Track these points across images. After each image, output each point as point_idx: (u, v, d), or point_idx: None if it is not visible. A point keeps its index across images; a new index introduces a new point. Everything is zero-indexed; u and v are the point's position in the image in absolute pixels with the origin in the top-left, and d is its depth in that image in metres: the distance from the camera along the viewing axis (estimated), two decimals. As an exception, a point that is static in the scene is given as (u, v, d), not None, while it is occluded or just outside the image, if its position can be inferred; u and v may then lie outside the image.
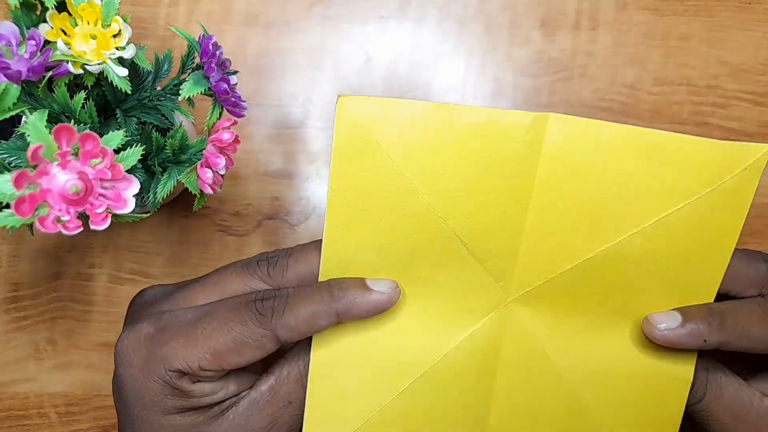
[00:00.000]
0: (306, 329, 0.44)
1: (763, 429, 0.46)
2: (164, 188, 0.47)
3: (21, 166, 0.38)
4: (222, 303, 0.46)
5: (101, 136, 0.39)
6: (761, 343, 0.45)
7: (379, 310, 0.45)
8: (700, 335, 0.45)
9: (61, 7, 0.42)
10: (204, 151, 0.46)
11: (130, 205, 0.39)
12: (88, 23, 0.42)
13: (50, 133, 0.36)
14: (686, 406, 0.47)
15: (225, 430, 0.45)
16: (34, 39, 0.40)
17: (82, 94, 0.43)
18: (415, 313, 0.47)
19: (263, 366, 0.49)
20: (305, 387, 0.46)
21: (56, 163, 0.37)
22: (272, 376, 0.47)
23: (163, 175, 0.48)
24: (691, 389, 0.47)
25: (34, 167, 0.36)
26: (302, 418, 0.47)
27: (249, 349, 0.44)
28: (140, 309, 0.48)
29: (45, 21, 0.41)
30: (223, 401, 0.46)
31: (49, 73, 0.41)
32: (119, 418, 0.47)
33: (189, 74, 0.47)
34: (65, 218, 0.37)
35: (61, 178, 0.37)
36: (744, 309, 0.46)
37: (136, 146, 0.41)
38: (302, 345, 0.48)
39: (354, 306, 0.44)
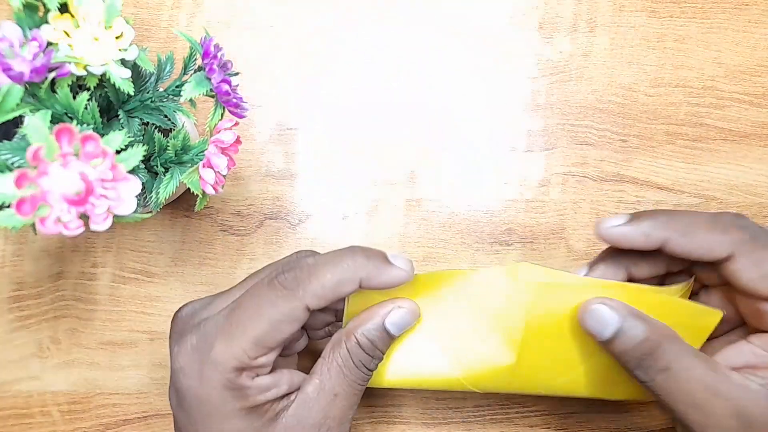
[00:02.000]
0: (332, 296, 0.46)
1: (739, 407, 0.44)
2: (166, 188, 0.48)
3: (24, 167, 0.38)
4: (249, 291, 0.47)
5: (104, 136, 0.39)
6: (704, 247, 0.46)
7: (396, 285, 0.47)
8: (645, 231, 0.47)
9: (64, 8, 0.42)
10: (206, 152, 0.46)
11: (131, 206, 0.39)
12: (91, 25, 0.42)
13: (51, 133, 0.36)
14: (650, 379, 0.46)
15: (281, 429, 0.47)
16: (36, 40, 0.40)
17: (85, 95, 0.43)
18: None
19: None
20: (347, 378, 0.48)
21: (57, 163, 0.36)
22: (315, 376, 0.48)
23: (165, 176, 0.48)
24: (653, 356, 0.46)
25: (35, 168, 0.36)
26: (348, 408, 0.49)
27: (285, 324, 0.45)
28: (183, 323, 0.50)
29: (47, 22, 0.41)
30: (277, 402, 0.47)
31: (52, 75, 0.41)
32: (179, 425, 0.49)
33: (191, 76, 0.47)
34: (66, 218, 0.37)
35: (62, 179, 0.36)
36: (693, 215, 0.48)
37: (138, 147, 0.41)
38: (335, 345, 0.49)
39: (375, 277, 0.46)
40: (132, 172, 0.39)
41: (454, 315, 0.51)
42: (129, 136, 0.41)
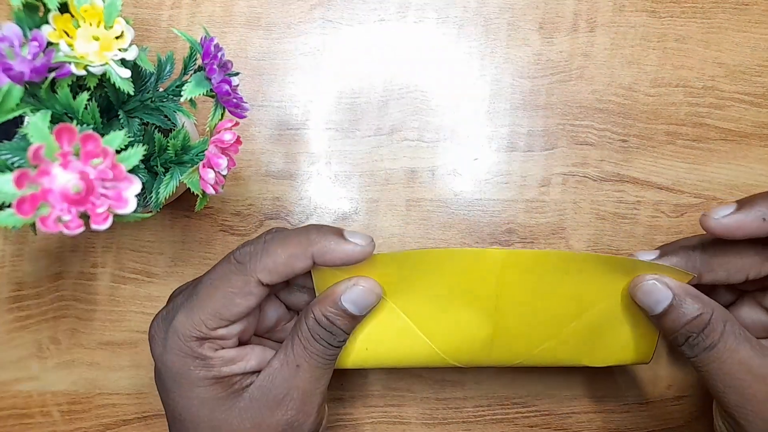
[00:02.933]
0: (285, 270, 0.47)
1: None
2: (167, 188, 0.48)
3: (24, 167, 0.38)
4: (211, 269, 0.49)
5: (104, 136, 0.39)
6: None
7: (352, 261, 0.47)
8: (761, 214, 0.45)
9: (64, 8, 0.42)
10: (206, 152, 0.46)
11: (132, 205, 0.39)
12: (91, 25, 0.42)
13: (51, 133, 0.36)
14: (694, 355, 0.47)
15: (245, 405, 0.48)
16: (36, 40, 0.40)
17: (85, 95, 0.43)
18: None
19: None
20: (308, 351, 0.48)
21: (57, 163, 0.36)
22: (281, 350, 0.49)
23: (165, 176, 0.48)
24: (702, 334, 0.46)
25: (36, 167, 0.36)
26: (313, 381, 0.49)
27: (239, 297, 0.47)
28: (173, 296, 0.52)
29: (47, 22, 0.41)
30: (245, 376, 0.49)
31: (52, 74, 0.41)
32: (160, 397, 0.50)
33: (191, 76, 0.47)
34: (66, 218, 0.37)
35: (63, 178, 0.37)
36: None
37: (138, 146, 0.41)
38: (299, 321, 0.50)
39: (328, 252, 0.46)
40: (132, 171, 0.39)
41: (426, 292, 0.52)
42: (129, 136, 0.41)
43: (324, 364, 0.49)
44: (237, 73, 0.49)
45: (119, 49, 0.43)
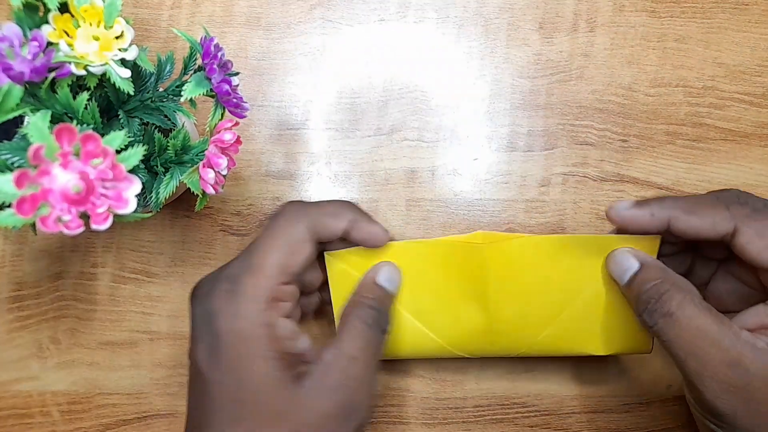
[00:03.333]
0: (332, 224, 0.50)
1: (738, 361, 0.45)
2: (167, 188, 0.48)
3: (24, 167, 0.38)
4: (260, 233, 0.50)
5: (104, 136, 0.39)
6: (708, 223, 0.48)
7: (373, 242, 0.52)
8: (650, 210, 0.50)
9: (64, 8, 0.42)
10: (206, 152, 0.46)
11: (132, 205, 0.39)
12: (91, 25, 0.42)
13: (51, 133, 0.36)
14: (653, 323, 0.48)
15: (305, 393, 0.46)
16: (36, 40, 0.40)
17: (85, 95, 0.43)
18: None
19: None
20: (363, 339, 0.49)
21: (57, 163, 0.36)
22: (334, 340, 0.49)
23: (165, 176, 0.48)
24: (660, 301, 0.48)
25: (36, 167, 0.36)
26: (368, 369, 0.49)
27: (299, 245, 0.49)
28: (207, 284, 0.50)
29: (47, 22, 0.41)
30: (300, 359, 0.48)
31: (52, 74, 0.41)
32: (208, 381, 0.47)
33: (191, 76, 0.47)
34: (67, 218, 0.37)
35: (63, 178, 0.37)
36: (696, 196, 0.50)
37: (138, 146, 0.41)
38: (346, 315, 0.51)
39: (364, 226, 0.51)
40: (132, 171, 0.39)
41: (424, 286, 0.54)
42: (129, 136, 0.41)
43: (375, 353, 0.50)
44: (237, 73, 0.49)
45: (119, 49, 0.43)
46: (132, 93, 0.44)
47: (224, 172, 0.48)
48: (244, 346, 0.46)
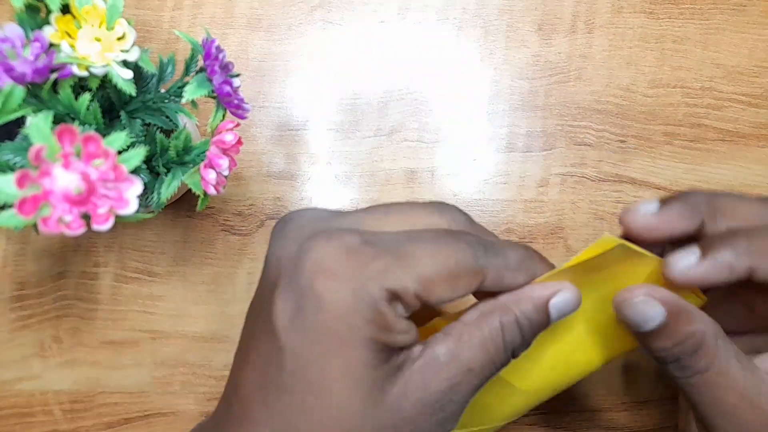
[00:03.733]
0: (508, 280, 0.41)
1: None
2: (168, 189, 0.48)
3: (25, 167, 0.38)
4: (430, 230, 0.40)
5: (105, 137, 0.39)
6: None
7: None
8: (725, 263, 0.39)
9: (66, 9, 0.42)
10: (207, 153, 0.47)
11: (133, 206, 0.39)
12: (93, 26, 0.43)
13: (53, 134, 0.37)
14: (684, 377, 0.41)
15: (400, 390, 0.38)
16: (38, 41, 0.41)
17: (87, 96, 0.43)
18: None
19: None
20: (488, 355, 0.39)
21: (59, 163, 0.37)
22: (450, 338, 0.39)
23: (167, 176, 0.48)
24: (694, 356, 0.40)
25: (37, 168, 0.36)
26: (476, 388, 0.40)
27: (462, 281, 0.38)
28: (307, 225, 0.41)
29: (49, 23, 0.42)
30: (403, 351, 0.39)
31: (54, 75, 0.41)
32: (278, 359, 0.38)
33: (192, 77, 0.48)
34: (68, 218, 0.37)
35: (64, 179, 0.37)
36: None
37: (139, 147, 0.41)
38: (485, 314, 0.41)
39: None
40: (134, 172, 0.39)
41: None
42: (131, 137, 0.42)
43: (492, 374, 0.41)
44: (238, 75, 0.50)
45: (121, 51, 0.44)
46: (134, 94, 0.44)
47: (225, 173, 0.48)
48: (348, 329, 0.37)
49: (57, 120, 0.43)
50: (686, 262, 0.40)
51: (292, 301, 0.38)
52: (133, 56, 0.44)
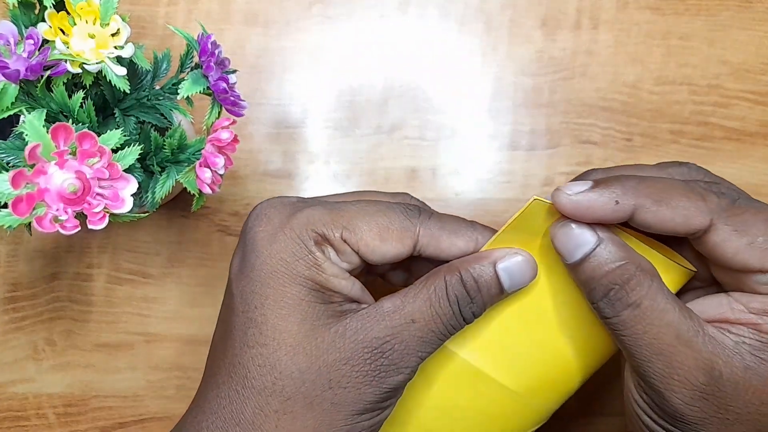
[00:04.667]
0: (445, 242, 0.43)
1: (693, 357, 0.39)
2: (163, 188, 0.47)
3: (19, 166, 0.39)
4: (369, 200, 0.45)
5: (99, 135, 0.39)
6: (681, 216, 0.40)
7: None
8: (613, 195, 0.40)
9: (60, 6, 0.42)
10: (203, 151, 0.46)
11: (128, 205, 0.40)
12: (87, 22, 0.42)
13: (48, 132, 0.36)
14: (615, 314, 0.40)
15: (338, 329, 0.41)
16: (32, 38, 0.40)
17: (81, 94, 0.43)
18: None
19: None
20: (433, 309, 0.41)
21: (54, 162, 0.37)
22: (398, 296, 0.42)
23: (161, 175, 0.48)
24: (625, 287, 0.40)
25: (32, 166, 0.36)
26: (425, 341, 0.42)
27: (390, 237, 0.42)
28: (281, 200, 0.46)
29: (43, 20, 0.41)
30: (344, 298, 0.43)
31: (48, 73, 0.41)
32: (237, 301, 0.43)
33: (188, 73, 0.47)
34: (63, 218, 0.37)
35: (59, 178, 0.37)
36: (665, 180, 0.42)
37: (134, 146, 0.41)
38: (432, 275, 0.43)
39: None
40: (128, 171, 0.40)
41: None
42: (125, 135, 0.42)
43: (440, 332, 0.42)
44: (234, 71, 0.49)
45: (115, 47, 0.43)
46: (128, 91, 0.44)
47: (221, 172, 0.47)
48: (281, 265, 0.42)
49: (50, 118, 0.43)
50: (576, 189, 0.41)
51: (240, 252, 0.44)
52: (127, 53, 0.43)
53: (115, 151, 0.40)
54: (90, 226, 0.38)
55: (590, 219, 0.41)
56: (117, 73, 0.43)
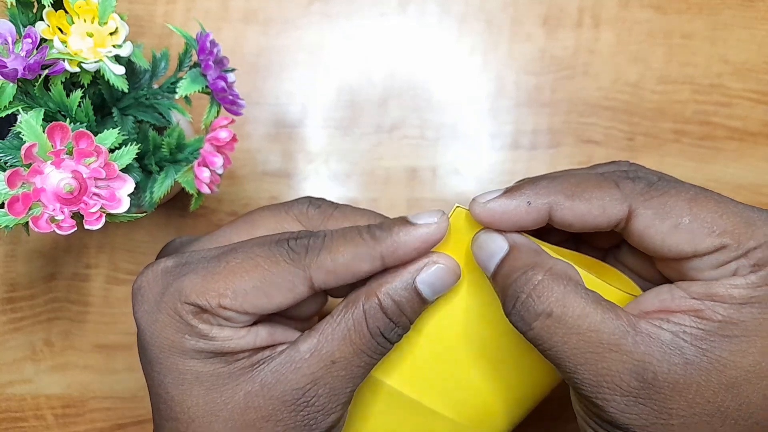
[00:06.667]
0: (345, 273, 0.39)
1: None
2: (161, 188, 0.47)
3: (17, 166, 0.38)
4: (250, 240, 0.41)
5: (97, 134, 0.39)
6: (596, 207, 0.38)
7: (429, 245, 0.40)
8: (524, 197, 0.39)
9: (58, 4, 0.42)
10: (201, 150, 0.46)
11: (125, 205, 0.39)
12: (85, 21, 0.42)
13: (44, 131, 0.36)
14: (529, 328, 0.37)
15: (254, 390, 0.39)
16: (30, 37, 0.40)
17: (79, 93, 0.42)
18: None
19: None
20: (354, 345, 0.39)
21: (50, 161, 0.37)
22: (315, 333, 0.40)
23: (159, 175, 0.48)
24: (533, 294, 0.37)
25: (28, 166, 0.36)
26: (352, 377, 0.40)
27: (277, 290, 0.39)
28: (167, 251, 0.45)
29: (41, 19, 0.41)
30: (255, 352, 0.40)
31: (46, 72, 0.41)
32: (147, 381, 0.42)
33: (186, 72, 0.47)
34: (59, 218, 0.37)
35: (55, 177, 0.37)
36: (578, 174, 0.41)
37: (131, 145, 0.41)
38: (349, 303, 0.41)
39: (401, 245, 0.39)
40: (126, 170, 0.40)
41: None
42: (123, 134, 0.41)
43: (367, 363, 0.40)
44: (233, 70, 0.49)
45: (113, 46, 0.43)
46: (126, 90, 0.44)
47: (220, 171, 0.47)
48: (163, 339, 0.39)
49: (48, 117, 0.43)
50: (488, 197, 0.39)
51: (138, 335, 0.41)
52: (125, 51, 0.43)
53: (112, 150, 0.40)
54: (87, 227, 0.38)
55: (508, 226, 0.40)
56: (115, 72, 0.43)
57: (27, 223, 0.37)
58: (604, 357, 0.36)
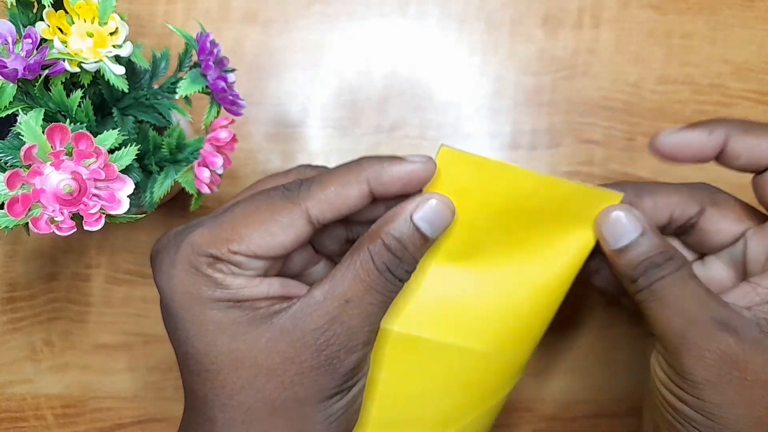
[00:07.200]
0: (337, 201, 0.41)
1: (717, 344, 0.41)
2: (161, 188, 0.47)
3: (17, 166, 0.38)
4: (248, 196, 0.43)
5: (98, 135, 0.39)
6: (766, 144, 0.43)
7: (416, 181, 0.42)
8: (706, 127, 0.45)
9: (58, 4, 0.42)
10: (201, 150, 0.46)
11: (124, 206, 0.39)
12: (85, 21, 0.42)
13: (44, 132, 0.36)
14: (647, 285, 0.42)
15: (273, 336, 0.41)
16: (30, 37, 0.40)
17: (79, 93, 0.42)
18: None
19: None
20: (364, 283, 0.41)
21: (50, 162, 0.37)
22: (327, 280, 0.42)
23: (159, 175, 0.48)
24: (664, 264, 0.43)
25: (28, 167, 0.36)
26: (368, 315, 0.42)
27: (279, 227, 0.41)
28: (160, 244, 0.45)
29: (41, 19, 0.41)
30: (269, 300, 0.42)
31: (46, 72, 0.41)
32: (172, 342, 0.44)
33: (186, 72, 0.47)
34: (58, 219, 0.37)
35: (55, 178, 0.37)
36: (747, 121, 0.45)
37: (131, 145, 0.41)
38: (355, 250, 0.42)
39: (386, 173, 0.41)
40: (125, 171, 0.40)
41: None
42: (123, 135, 0.41)
43: (381, 300, 0.42)
44: (233, 70, 0.49)
45: (113, 46, 0.43)
46: (126, 90, 0.43)
47: (220, 171, 0.47)
48: (182, 293, 0.41)
49: (48, 117, 0.43)
50: (670, 131, 0.46)
51: (161, 298, 0.43)
52: (125, 51, 0.43)
53: (112, 151, 0.40)
54: (86, 228, 0.38)
55: (688, 156, 0.45)
56: (115, 72, 0.43)
57: (27, 223, 0.37)
58: (696, 309, 0.41)
